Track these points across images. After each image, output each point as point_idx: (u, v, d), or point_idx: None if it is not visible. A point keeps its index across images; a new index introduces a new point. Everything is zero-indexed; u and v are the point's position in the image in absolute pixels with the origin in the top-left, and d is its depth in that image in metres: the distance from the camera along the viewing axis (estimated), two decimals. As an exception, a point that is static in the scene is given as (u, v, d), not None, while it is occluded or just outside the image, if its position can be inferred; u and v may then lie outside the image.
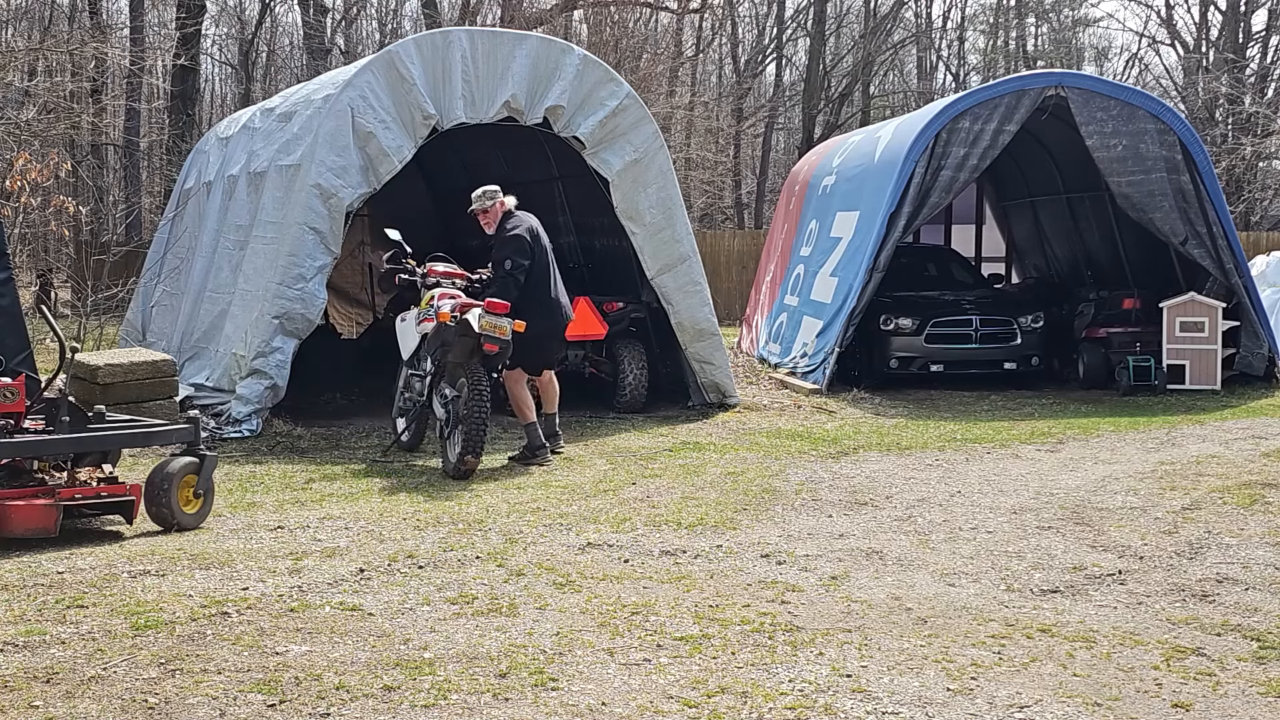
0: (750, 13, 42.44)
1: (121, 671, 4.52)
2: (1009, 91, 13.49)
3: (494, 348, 8.37)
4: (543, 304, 9.06)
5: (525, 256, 8.92)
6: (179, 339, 12.25)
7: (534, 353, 9.13)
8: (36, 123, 20.14)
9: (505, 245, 8.96)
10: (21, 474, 6.77)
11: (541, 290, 9.10)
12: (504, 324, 8.40)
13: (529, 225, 9.12)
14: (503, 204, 9.22)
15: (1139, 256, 15.45)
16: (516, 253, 8.92)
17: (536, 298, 9.01)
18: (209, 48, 37.25)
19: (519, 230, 9.01)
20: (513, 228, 9.03)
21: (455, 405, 8.50)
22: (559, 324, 9.33)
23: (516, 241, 8.94)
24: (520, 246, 8.92)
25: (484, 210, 9.25)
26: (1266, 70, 36.21)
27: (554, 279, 9.26)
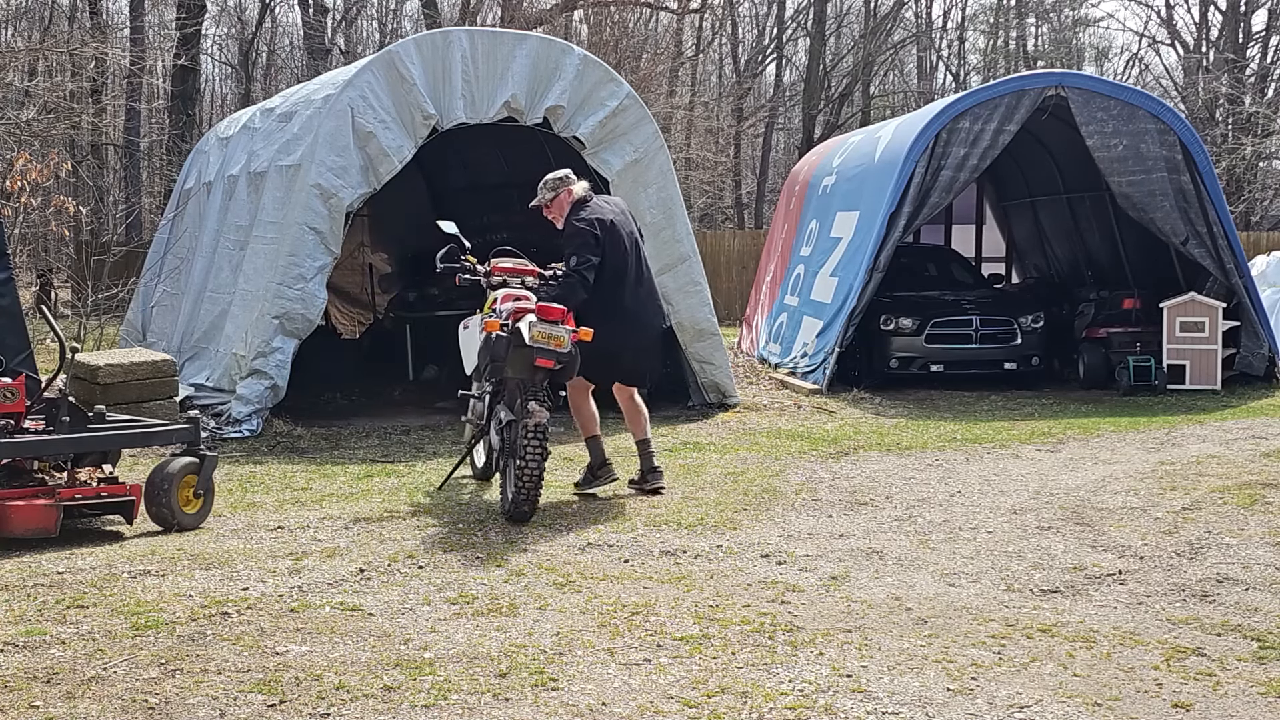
0: (750, 13, 42.47)
1: (122, 672, 4.52)
2: (1009, 91, 13.49)
3: (548, 363, 6.94)
4: (616, 309, 7.64)
5: (592, 252, 7.52)
6: (179, 339, 12.25)
7: (603, 367, 7.71)
8: (36, 123, 20.14)
9: (569, 241, 7.66)
10: (22, 474, 6.77)
11: (616, 292, 7.67)
12: (560, 333, 6.95)
13: (601, 215, 7.72)
14: (570, 193, 7.84)
15: (1139, 256, 15.45)
16: (581, 248, 7.54)
17: (609, 301, 7.63)
18: (209, 48, 37.27)
19: (587, 222, 7.66)
20: (580, 219, 7.69)
21: (510, 433, 7.05)
22: (640, 334, 7.83)
23: (581, 235, 7.57)
24: (586, 241, 7.55)
25: (547, 204, 7.97)
26: (1266, 70, 36.20)
27: (636, 279, 7.81)
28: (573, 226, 7.64)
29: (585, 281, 7.46)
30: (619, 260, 7.68)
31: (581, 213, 7.71)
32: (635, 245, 7.83)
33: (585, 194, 7.84)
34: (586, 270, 7.46)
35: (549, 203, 7.93)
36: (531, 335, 6.90)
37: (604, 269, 7.57)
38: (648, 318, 7.88)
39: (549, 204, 7.93)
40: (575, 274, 7.48)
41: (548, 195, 7.91)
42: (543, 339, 6.93)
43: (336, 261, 10.99)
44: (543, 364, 6.92)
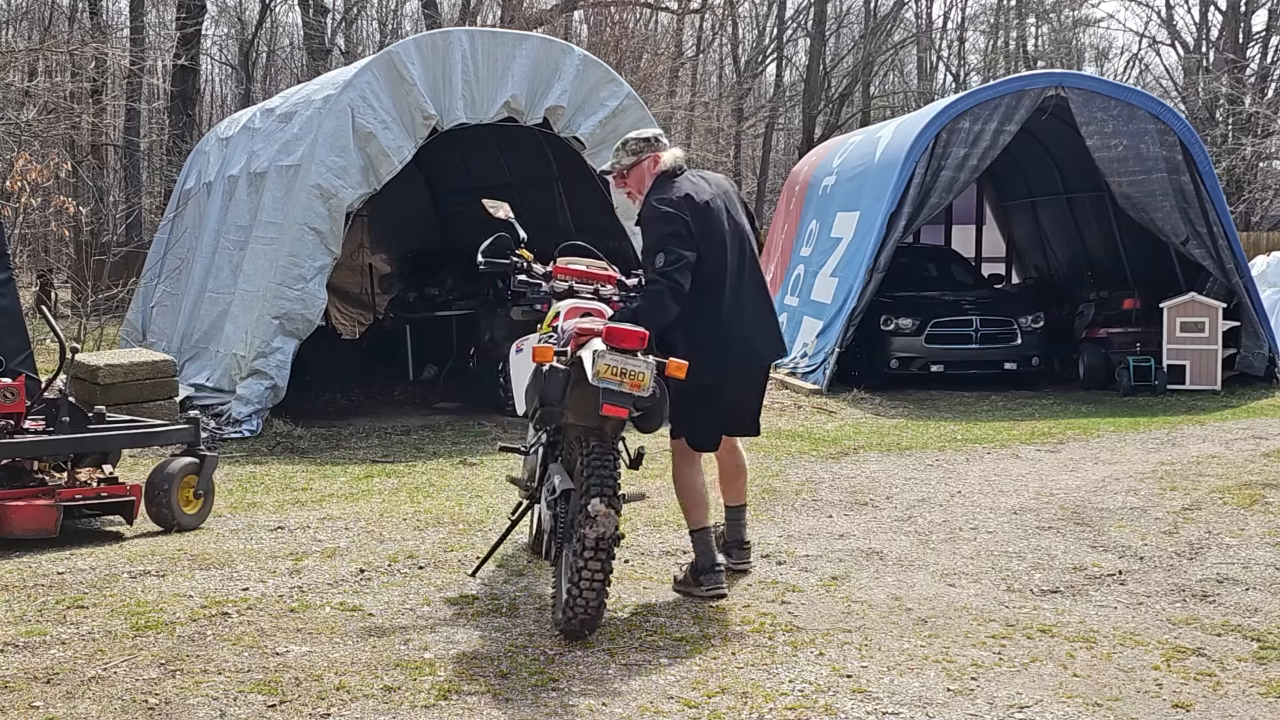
0: (750, 13, 42.45)
1: (122, 672, 4.52)
2: (1009, 92, 13.49)
3: (619, 411, 4.81)
4: (718, 328, 5.44)
5: (685, 246, 5.30)
6: (179, 339, 12.25)
7: (704, 414, 5.52)
8: (36, 123, 20.15)
9: (649, 230, 5.46)
10: (22, 474, 6.77)
11: (716, 303, 5.44)
12: (638, 368, 4.80)
13: (695, 193, 5.48)
14: (656, 160, 5.59)
15: (1139, 257, 15.46)
16: (668, 242, 5.31)
17: (708, 317, 5.42)
18: (209, 48, 37.28)
19: (674, 204, 5.38)
20: (662, 200, 5.42)
21: (566, 510, 4.96)
22: (750, 363, 5.62)
23: (666, 223, 5.34)
24: (674, 231, 5.32)
25: (622, 173, 5.68)
26: (1267, 70, 36.19)
27: (746, 286, 5.58)
28: (653, 210, 5.42)
29: (677, 290, 5.26)
30: (720, 259, 5.47)
31: (667, 191, 5.47)
32: (742, 239, 5.59)
33: (675, 164, 5.60)
34: (679, 273, 5.26)
35: (626, 170, 5.67)
36: (596, 371, 4.75)
37: (700, 272, 5.37)
38: (762, 340, 5.62)
39: (626, 172, 5.67)
40: (663, 280, 5.25)
41: (625, 160, 5.66)
42: (612, 376, 4.77)
43: (336, 262, 10.99)
44: (612, 412, 4.77)
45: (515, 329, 12.29)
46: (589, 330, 5.06)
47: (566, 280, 5.78)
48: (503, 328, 12.15)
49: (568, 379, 4.93)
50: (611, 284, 5.80)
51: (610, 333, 4.89)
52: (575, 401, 4.94)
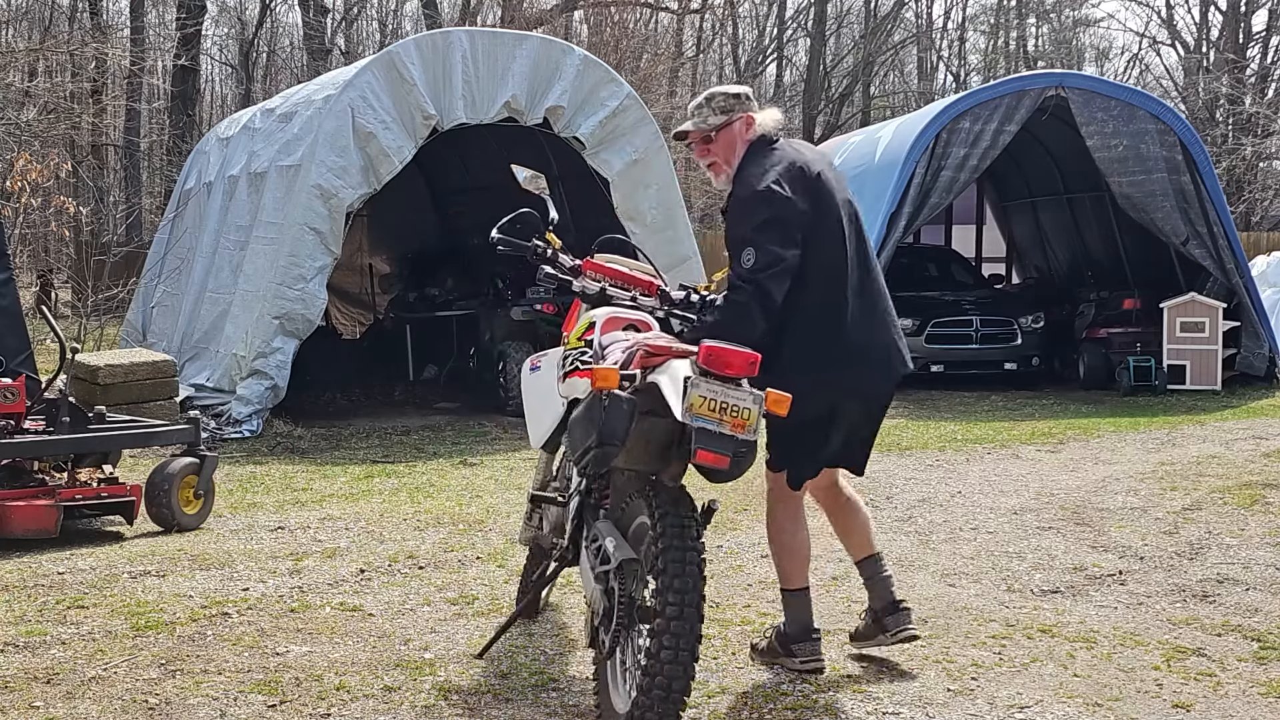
0: (750, 13, 42.46)
1: (122, 672, 4.52)
2: (1009, 92, 13.49)
3: (718, 460, 3.67)
4: (844, 339, 4.33)
5: (786, 242, 4.19)
6: (179, 339, 12.25)
7: (808, 442, 4.44)
8: (36, 123, 20.16)
9: (739, 215, 4.30)
10: (22, 474, 6.77)
11: (829, 307, 4.33)
12: (745, 403, 3.69)
13: (805, 163, 4.35)
14: (749, 122, 4.43)
15: (1139, 257, 15.46)
16: (764, 233, 4.19)
17: (829, 326, 4.32)
18: (209, 48, 37.27)
19: (777, 178, 4.25)
20: (764, 174, 4.27)
21: (625, 585, 3.83)
22: (884, 382, 4.49)
23: (766, 204, 4.21)
24: (774, 217, 4.21)
25: (707, 136, 4.46)
26: (1267, 70, 36.20)
27: (863, 284, 4.43)
28: (748, 188, 4.26)
29: (767, 303, 4.16)
30: (839, 250, 4.34)
31: (765, 163, 4.30)
32: (859, 225, 4.50)
33: (776, 130, 4.45)
34: (772, 280, 4.15)
35: (714, 132, 4.42)
36: (690, 404, 3.62)
37: (815, 266, 4.27)
38: (893, 352, 4.45)
39: (714, 135, 4.43)
40: (749, 287, 4.15)
41: (713, 119, 4.41)
42: (709, 412, 3.63)
43: (336, 262, 11.00)
44: (709, 460, 3.64)
45: (515, 329, 12.42)
46: (663, 349, 3.84)
47: (600, 280, 4.61)
48: (503, 328, 12.17)
49: (633, 411, 3.72)
50: (654, 293, 4.62)
51: (711, 354, 3.65)
52: (636, 440, 3.83)
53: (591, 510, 4.23)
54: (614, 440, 3.76)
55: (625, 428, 3.75)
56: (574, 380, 4.26)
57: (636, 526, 3.95)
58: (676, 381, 3.71)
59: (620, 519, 4.03)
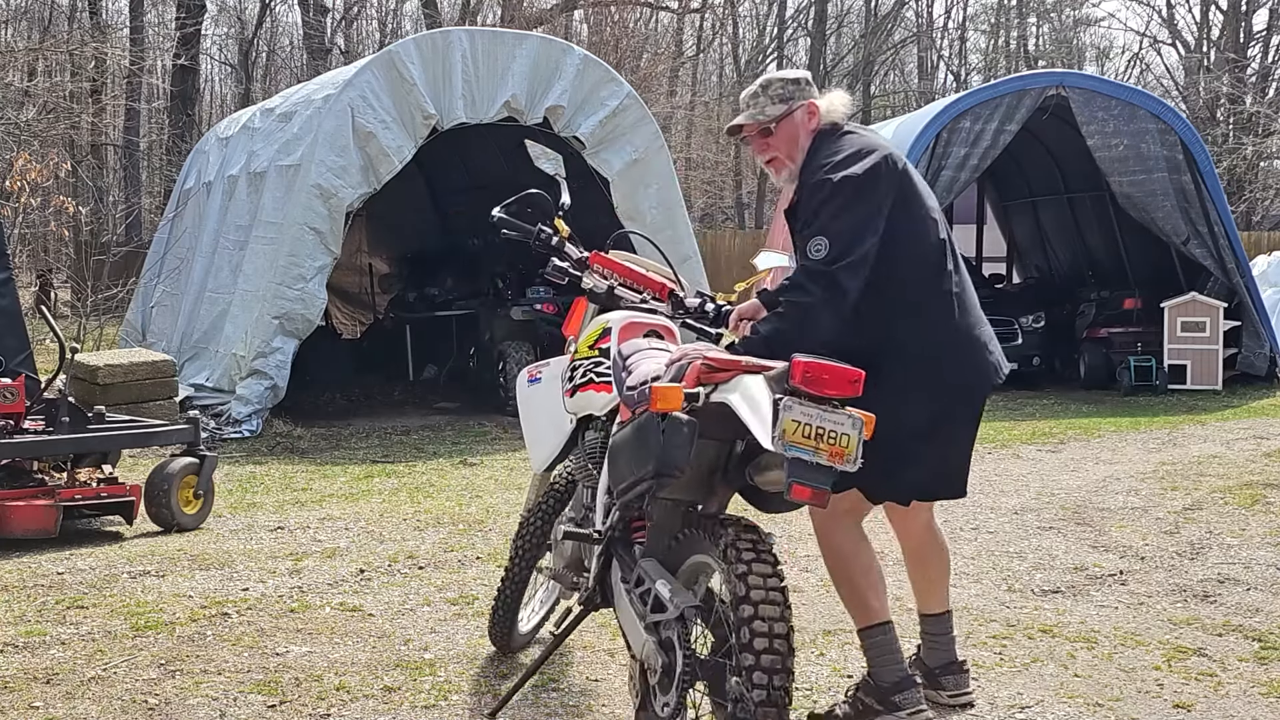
0: (751, 12, 42.47)
1: (122, 672, 4.52)
2: (1010, 91, 13.48)
3: (816, 495, 3.12)
4: (946, 341, 3.83)
5: (866, 231, 3.68)
6: (179, 339, 12.25)
7: (909, 454, 3.81)
8: (36, 123, 20.16)
9: (816, 201, 3.74)
10: (21, 474, 6.77)
11: (945, 307, 3.84)
12: (844, 429, 3.11)
13: (884, 150, 3.83)
14: (813, 111, 3.95)
15: (1140, 256, 15.45)
16: (844, 216, 3.68)
17: (918, 325, 3.81)
18: (209, 48, 37.28)
19: (852, 160, 3.75)
20: (836, 158, 3.78)
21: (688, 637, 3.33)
22: (984, 388, 3.97)
23: (842, 187, 3.70)
24: (853, 201, 3.70)
25: (766, 129, 3.96)
26: (1268, 70, 36.20)
27: (966, 279, 3.94)
28: (820, 177, 3.74)
29: (840, 298, 3.64)
30: (938, 244, 3.86)
31: (840, 145, 3.83)
32: (942, 219, 3.96)
33: (846, 115, 4.00)
34: (846, 271, 3.63)
35: (774, 123, 3.93)
36: (783, 429, 3.05)
37: (902, 261, 3.77)
38: (994, 351, 3.95)
39: (774, 125, 3.94)
40: (822, 282, 3.63)
41: (771, 109, 3.94)
42: (805, 439, 3.07)
43: (336, 261, 11.00)
44: (805, 495, 3.10)
45: (515, 329, 12.42)
46: (730, 363, 3.25)
47: (609, 277, 4.19)
48: (503, 328, 12.16)
49: (694, 436, 3.18)
50: (665, 298, 4.20)
51: (809, 372, 3.08)
52: (699, 472, 3.40)
53: (624, 546, 3.61)
54: (674, 470, 3.19)
55: (687, 455, 3.17)
56: (588, 395, 3.82)
57: (690, 566, 3.39)
58: (754, 402, 3.10)
59: (667, 557, 3.44)
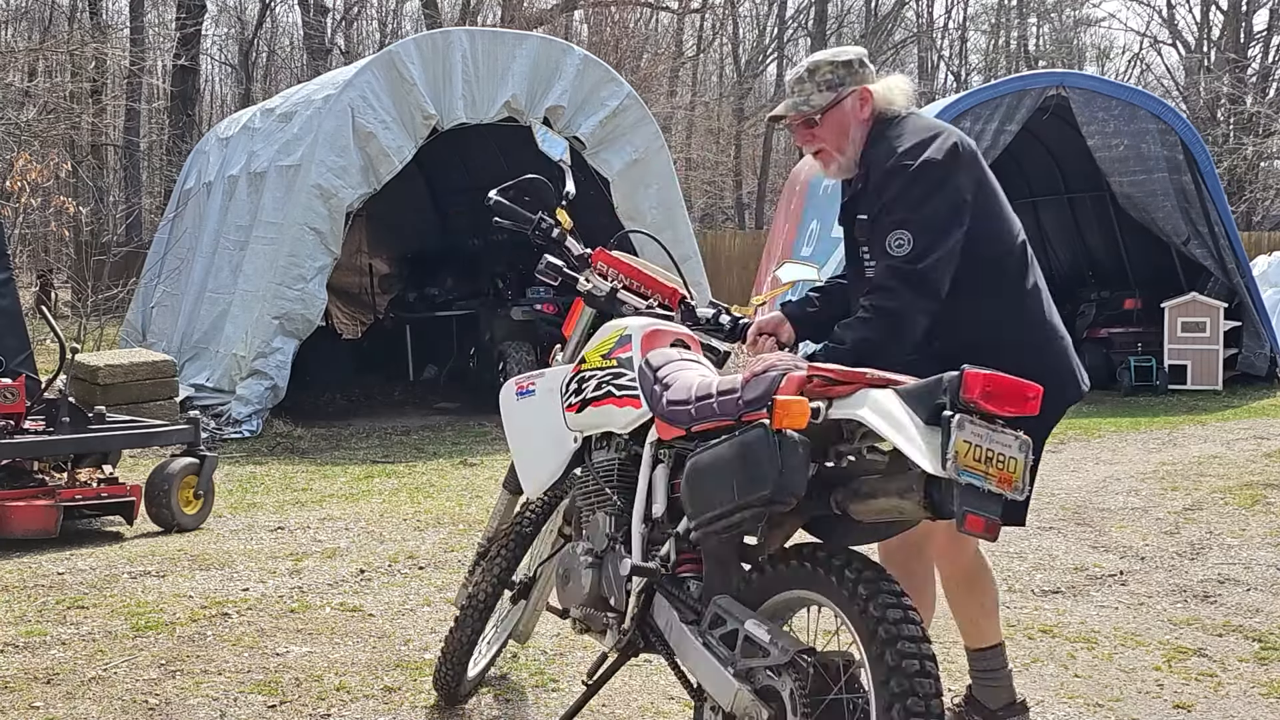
0: (751, 12, 42.46)
1: (122, 672, 4.52)
2: (1010, 91, 13.47)
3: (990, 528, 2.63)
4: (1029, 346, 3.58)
5: (952, 222, 3.37)
6: (179, 339, 12.25)
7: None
8: (36, 123, 20.16)
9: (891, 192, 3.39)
10: (22, 475, 6.77)
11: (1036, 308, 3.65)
12: (1012, 449, 2.67)
13: (958, 140, 3.45)
14: (867, 97, 3.53)
15: (1140, 256, 15.45)
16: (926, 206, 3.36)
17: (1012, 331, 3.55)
18: (209, 48, 37.27)
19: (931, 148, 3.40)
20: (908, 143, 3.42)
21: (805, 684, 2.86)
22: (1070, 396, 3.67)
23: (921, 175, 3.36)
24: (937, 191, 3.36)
25: (811, 120, 3.55)
26: (1268, 70, 36.20)
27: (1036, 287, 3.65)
28: (894, 164, 3.38)
29: (928, 298, 3.34)
30: (1020, 240, 3.58)
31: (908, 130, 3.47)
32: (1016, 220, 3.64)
33: (907, 104, 3.55)
34: (935, 268, 3.33)
35: (820, 114, 3.53)
36: (956, 453, 2.63)
37: (994, 259, 3.50)
38: (1072, 361, 3.70)
39: (819, 117, 3.54)
40: (912, 282, 3.32)
41: (818, 97, 3.53)
42: (977, 463, 2.67)
43: (336, 262, 11.00)
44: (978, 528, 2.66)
45: (515, 329, 12.42)
46: (855, 375, 2.84)
47: (613, 278, 3.80)
48: (503, 328, 12.16)
49: (809, 457, 2.81)
50: (675, 305, 3.82)
51: (990, 385, 2.65)
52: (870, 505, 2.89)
53: (675, 583, 3.21)
54: (791, 496, 2.81)
55: (805, 479, 2.81)
56: (605, 410, 3.46)
57: (778, 604, 3.02)
58: (896, 420, 2.70)
59: (745, 593, 3.05)
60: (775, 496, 2.81)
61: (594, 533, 3.54)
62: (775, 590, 3.02)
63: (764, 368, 3.00)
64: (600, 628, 3.49)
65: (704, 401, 3.09)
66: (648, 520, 3.32)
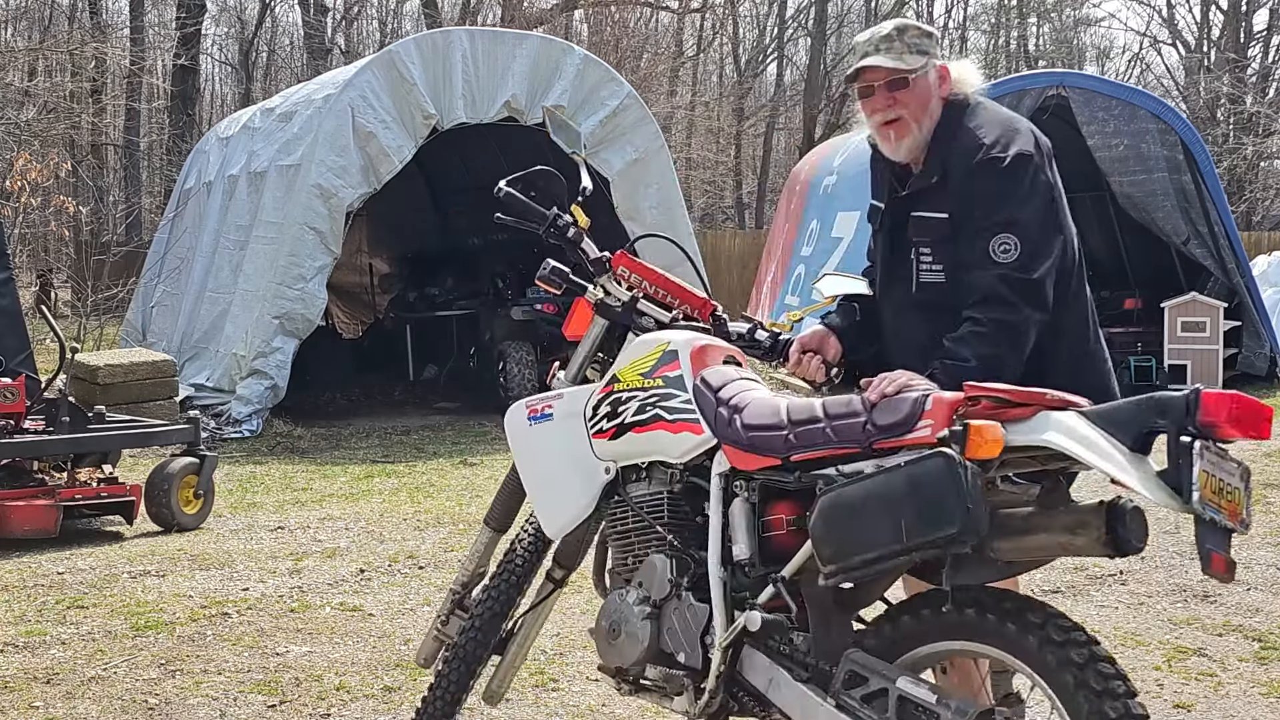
0: (751, 12, 42.44)
1: (122, 672, 4.52)
2: (1010, 91, 13.45)
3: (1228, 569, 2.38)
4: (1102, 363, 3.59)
5: (1054, 226, 3.16)
6: (179, 339, 12.25)
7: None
8: (36, 123, 20.16)
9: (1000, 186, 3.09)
10: (22, 474, 6.77)
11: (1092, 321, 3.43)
12: (1235, 478, 2.44)
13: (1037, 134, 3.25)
14: (945, 73, 3.22)
15: (1140, 256, 15.45)
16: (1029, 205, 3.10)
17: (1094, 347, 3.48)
18: (209, 48, 37.27)
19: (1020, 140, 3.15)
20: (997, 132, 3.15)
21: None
22: None
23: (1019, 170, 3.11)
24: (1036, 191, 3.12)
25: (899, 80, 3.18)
26: (1268, 70, 36.20)
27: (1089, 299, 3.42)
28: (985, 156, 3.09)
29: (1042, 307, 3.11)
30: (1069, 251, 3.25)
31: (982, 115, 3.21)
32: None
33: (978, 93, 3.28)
34: (1049, 275, 3.12)
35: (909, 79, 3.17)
36: (1198, 484, 2.35)
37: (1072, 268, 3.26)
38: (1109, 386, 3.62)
39: (909, 79, 3.17)
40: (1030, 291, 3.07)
41: (910, 58, 3.17)
42: (1213, 496, 2.40)
43: (336, 261, 11.00)
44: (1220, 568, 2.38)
45: (515, 329, 12.41)
46: (1030, 395, 2.57)
47: (636, 286, 3.34)
48: (503, 328, 12.16)
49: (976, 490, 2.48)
50: (706, 317, 3.41)
51: (1237, 406, 2.40)
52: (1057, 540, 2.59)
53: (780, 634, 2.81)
54: (975, 535, 2.49)
55: (986, 514, 2.50)
56: (653, 436, 3.04)
57: (918, 658, 2.69)
58: (1099, 448, 2.43)
59: (879, 646, 2.70)
60: (961, 536, 2.47)
61: (649, 579, 3.05)
62: (918, 642, 2.66)
63: (895, 389, 2.69)
64: (674, 690, 2.98)
65: (809, 426, 2.75)
66: (726, 563, 2.90)
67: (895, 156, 3.26)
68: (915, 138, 3.19)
